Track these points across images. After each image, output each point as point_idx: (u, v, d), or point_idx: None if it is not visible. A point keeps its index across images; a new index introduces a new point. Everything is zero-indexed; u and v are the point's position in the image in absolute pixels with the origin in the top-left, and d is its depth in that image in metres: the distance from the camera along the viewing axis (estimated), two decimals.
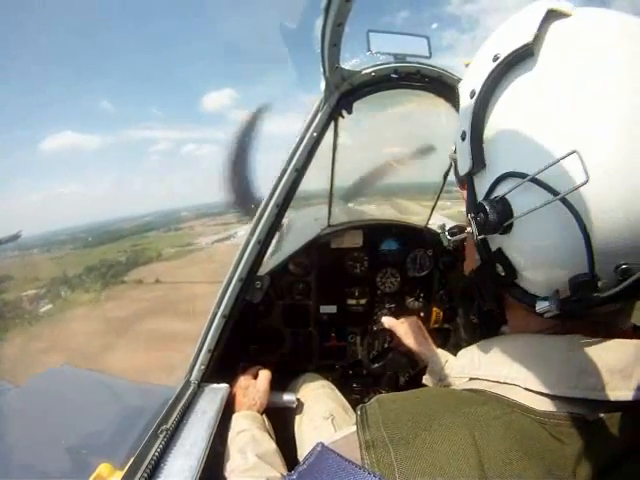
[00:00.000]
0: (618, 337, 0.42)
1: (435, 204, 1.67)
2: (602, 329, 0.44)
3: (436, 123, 1.45)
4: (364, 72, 1.12)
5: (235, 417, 1.18)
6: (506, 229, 0.42)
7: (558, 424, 0.39)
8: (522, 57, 0.42)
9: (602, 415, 0.40)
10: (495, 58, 0.44)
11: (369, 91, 1.15)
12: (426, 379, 1.27)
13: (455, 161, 0.57)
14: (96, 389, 1.63)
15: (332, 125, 1.21)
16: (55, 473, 1.21)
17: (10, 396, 1.65)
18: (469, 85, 0.48)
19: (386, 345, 1.75)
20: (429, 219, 1.74)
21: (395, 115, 1.45)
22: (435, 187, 1.61)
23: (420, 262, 1.76)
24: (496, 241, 0.46)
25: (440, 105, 1.25)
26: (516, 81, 0.43)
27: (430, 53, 1.12)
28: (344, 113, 1.17)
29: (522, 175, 0.39)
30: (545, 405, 0.41)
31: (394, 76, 1.15)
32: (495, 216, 0.42)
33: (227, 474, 0.99)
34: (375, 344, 1.77)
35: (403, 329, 1.43)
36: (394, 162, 1.75)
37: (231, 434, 1.11)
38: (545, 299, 0.42)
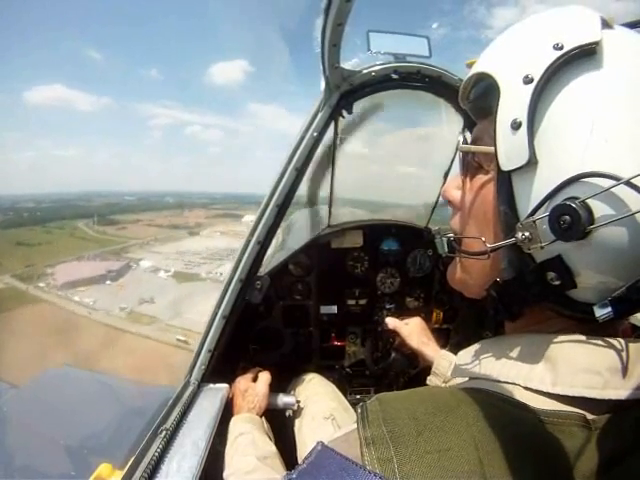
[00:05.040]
0: (618, 336, 0.42)
1: (435, 204, 1.67)
2: (602, 328, 0.43)
3: (437, 123, 1.45)
4: (364, 72, 1.12)
5: (234, 420, 1.18)
6: (583, 235, 0.39)
7: (558, 422, 0.39)
8: (586, 53, 0.41)
9: (602, 414, 0.40)
10: (558, 47, 0.41)
11: (369, 91, 1.16)
12: (430, 380, 1.26)
13: (468, 154, 0.53)
14: (96, 390, 1.63)
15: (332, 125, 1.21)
16: (55, 473, 1.21)
17: (10, 397, 1.65)
18: (519, 69, 0.43)
19: (389, 346, 1.75)
20: (429, 219, 1.74)
21: (395, 115, 1.45)
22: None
23: (420, 262, 1.76)
24: (555, 248, 0.41)
25: (441, 105, 1.25)
26: (585, 76, 0.40)
27: (430, 53, 1.13)
28: (344, 113, 1.17)
29: (611, 177, 0.36)
30: (545, 404, 0.41)
31: (394, 76, 1.15)
32: (586, 220, 0.37)
33: (227, 477, 0.99)
34: (379, 345, 1.76)
35: (407, 330, 1.43)
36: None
37: (231, 437, 1.11)
38: (605, 305, 0.40)
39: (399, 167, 1.80)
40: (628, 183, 0.36)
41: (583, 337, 0.43)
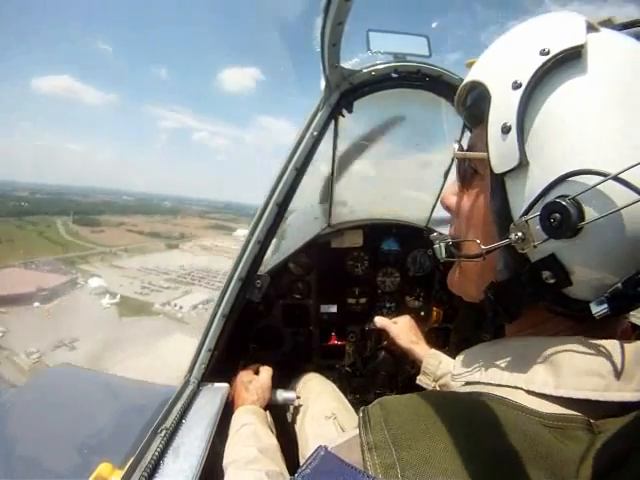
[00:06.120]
0: (619, 338, 0.42)
1: (435, 203, 1.67)
2: (602, 328, 0.44)
3: (436, 123, 1.45)
4: (364, 71, 1.12)
5: (239, 411, 1.18)
6: (575, 232, 0.40)
7: (561, 425, 0.38)
8: (571, 57, 0.42)
9: (603, 417, 0.39)
10: (544, 52, 0.43)
11: (369, 90, 1.16)
12: (420, 379, 1.27)
13: (464, 160, 0.54)
14: (96, 388, 1.63)
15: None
16: (55, 472, 1.21)
17: (10, 396, 1.65)
18: (508, 76, 0.45)
19: (379, 345, 1.75)
20: (429, 219, 1.74)
21: (395, 114, 1.45)
22: None
23: (420, 262, 1.76)
24: (548, 247, 0.42)
25: (441, 104, 1.25)
26: (571, 79, 0.42)
27: (430, 52, 1.13)
28: (344, 112, 1.17)
29: (599, 173, 0.37)
30: (547, 407, 0.41)
31: (394, 75, 1.15)
32: (577, 217, 0.38)
33: (228, 466, 0.99)
34: (367, 345, 1.76)
35: (396, 329, 1.43)
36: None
37: (234, 428, 1.11)
38: (601, 302, 0.40)
39: (399, 167, 1.80)
40: (616, 179, 0.36)
41: (583, 339, 0.43)
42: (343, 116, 1.19)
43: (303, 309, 1.71)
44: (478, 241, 0.49)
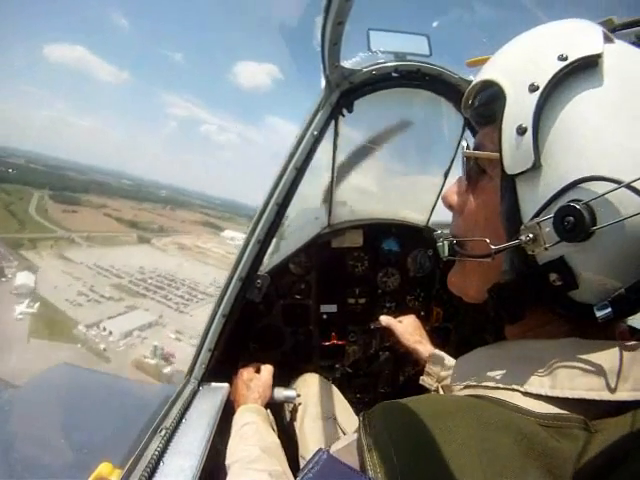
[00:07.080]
0: (615, 339, 0.43)
1: (435, 203, 1.67)
2: (600, 331, 0.44)
3: (436, 122, 1.45)
4: (364, 70, 1.12)
5: (241, 409, 1.18)
6: (587, 237, 0.40)
7: (557, 425, 0.39)
8: (589, 65, 0.43)
9: (600, 417, 0.40)
10: (562, 58, 0.43)
11: (369, 90, 1.16)
12: (423, 380, 1.27)
13: (471, 159, 0.54)
14: (96, 388, 1.63)
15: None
16: (55, 472, 1.21)
17: (10, 396, 1.65)
18: (525, 78, 0.45)
19: (383, 344, 1.75)
20: (429, 218, 1.74)
21: (395, 113, 1.45)
22: None
23: (420, 262, 1.76)
24: (558, 250, 0.43)
25: (441, 103, 1.25)
26: (588, 87, 0.42)
27: (430, 51, 1.12)
28: (344, 112, 1.17)
29: (611, 180, 0.38)
30: (545, 407, 0.41)
31: (394, 74, 1.15)
32: (590, 222, 0.39)
33: (231, 465, 0.98)
34: (372, 343, 1.76)
35: (401, 328, 1.43)
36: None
37: (236, 426, 1.11)
38: (605, 306, 0.41)
39: (398, 166, 1.79)
40: (629, 187, 0.37)
41: (580, 340, 0.44)
42: (343, 115, 1.19)
43: (303, 309, 1.71)
44: (488, 241, 0.49)
